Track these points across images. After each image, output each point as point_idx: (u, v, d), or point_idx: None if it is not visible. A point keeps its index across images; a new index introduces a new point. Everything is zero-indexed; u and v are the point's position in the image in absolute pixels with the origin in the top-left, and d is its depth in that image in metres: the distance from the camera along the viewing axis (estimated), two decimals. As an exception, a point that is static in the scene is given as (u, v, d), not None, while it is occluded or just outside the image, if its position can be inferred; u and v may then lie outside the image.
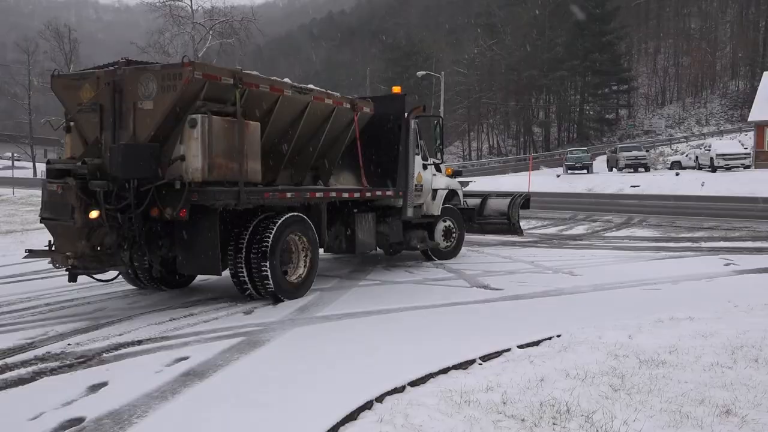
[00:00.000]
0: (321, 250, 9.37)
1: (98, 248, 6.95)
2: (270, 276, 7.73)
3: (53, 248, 7.06)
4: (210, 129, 7.01)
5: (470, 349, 5.66)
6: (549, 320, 6.96)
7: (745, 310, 7.34)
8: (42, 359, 5.68)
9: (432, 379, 5.01)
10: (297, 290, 8.27)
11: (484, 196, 14.15)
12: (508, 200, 13.79)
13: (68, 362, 5.59)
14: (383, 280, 9.79)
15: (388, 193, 10.35)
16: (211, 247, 7.38)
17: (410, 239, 11.36)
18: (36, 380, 5.16)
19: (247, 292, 7.96)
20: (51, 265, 7.27)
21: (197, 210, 7.26)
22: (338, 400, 4.45)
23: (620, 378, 4.91)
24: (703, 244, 14.04)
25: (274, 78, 8.18)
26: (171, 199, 7.11)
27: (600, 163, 48.16)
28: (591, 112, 73.21)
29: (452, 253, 12.30)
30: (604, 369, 5.13)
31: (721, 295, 8.26)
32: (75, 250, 6.85)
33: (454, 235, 12.33)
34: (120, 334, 6.49)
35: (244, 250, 7.76)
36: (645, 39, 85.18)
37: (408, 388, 4.80)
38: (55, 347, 6.05)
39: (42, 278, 9.96)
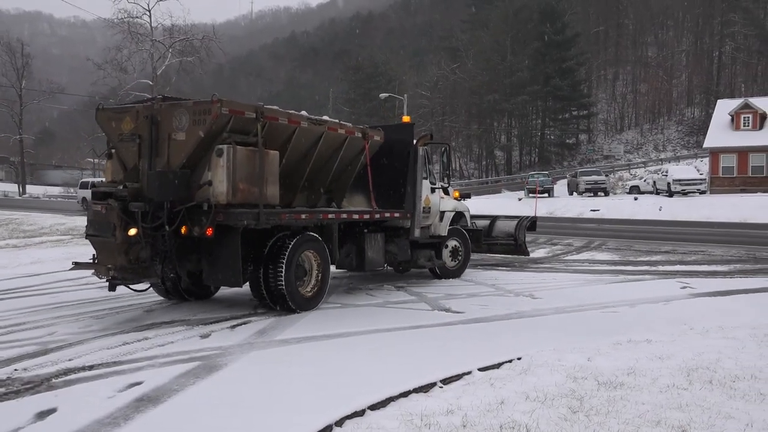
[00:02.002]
0: (333, 267, 10.06)
1: (135, 262, 7.82)
2: (285, 289, 8.52)
3: (96, 261, 8.00)
4: (234, 157, 7.92)
5: (431, 372, 5.70)
6: (510, 343, 7.04)
7: (700, 332, 7.55)
8: (-14, 385, 5.51)
9: (392, 403, 5.02)
10: (309, 302, 9.03)
11: (493, 218, 14.99)
12: (515, 222, 14.63)
13: (14, 388, 5.43)
14: (344, 303, 9.79)
15: (396, 214, 11.04)
16: (234, 262, 8.19)
17: (418, 258, 11.98)
18: (-20, 407, 4.99)
19: (265, 303, 8.77)
20: (95, 276, 8.15)
21: (222, 229, 8.08)
22: (297, 424, 4.43)
23: (579, 400, 4.99)
24: (661, 268, 14.37)
25: (292, 111, 9.06)
26: (199, 219, 7.98)
27: (561, 186, 49.12)
28: (552, 137, 74.82)
29: (459, 271, 12.90)
30: (564, 391, 5.21)
31: (677, 318, 8.48)
32: (115, 263, 7.76)
33: (460, 254, 12.90)
34: (70, 359, 6.34)
35: (262, 265, 8.58)
36: (604, 66, 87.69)
37: (368, 411, 4.80)
38: (0, 373, 5.87)
39: (-12, 301, 9.67)
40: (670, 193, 38.08)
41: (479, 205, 31.64)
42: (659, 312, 9.16)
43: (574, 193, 44.68)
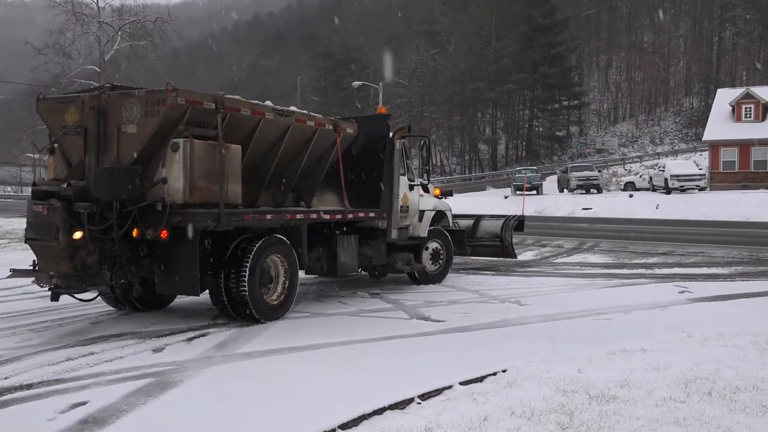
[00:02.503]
0: (302, 272, 10.07)
1: (80, 268, 7.71)
2: (248, 297, 8.49)
3: (37, 268, 7.86)
4: (192, 152, 7.87)
5: (408, 387, 5.71)
6: (494, 354, 7.08)
7: (699, 340, 7.67)
8: None
9: (365, 421, 5.02)
10: (275, 311, 9.02)
11: (477, 218, 15.12)
12: (501, 222, 14.75)
13: (-58, 411, 5.32)
14: (313, 312, 9.77)
15: (371, 214, 11.06)
16: (191, 268, 8.13)
17: (395, 262, 11.99)
18: None
19: (226, 312, 8.72)
20: (36, 284, 8.04)
21: (178, 231, 7.99)
22: (260, 446, 4.40)
23: (569, 415, 5.03)
24: (657, 271, 14.59)
25: (256, 101, 9.06)
26: (152, 220, 7.89)
27: (550, 183, 49.54)
28: (540, 129, 75.42)
29: (440, 276, 12.92)
30: (552, 406, 5.25)
31: (674, 325, 8.60)
32: (58, 270, 7.63)
33: (441, 257, 12.93)
34: (6, 377, 6.23)
35: (223, 271, 8.56)
36: (596, 52, 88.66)
37: (338, 431, 4.78)
38: (-73, 394, 5.75)
39: None
40: (668, 190, 38.62)
41: (462, 204, 31.79)
42: (655, 318, 9.27)
43: (565, 190, 45.12)
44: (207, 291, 8.81)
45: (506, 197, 42.00)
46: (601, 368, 6.33)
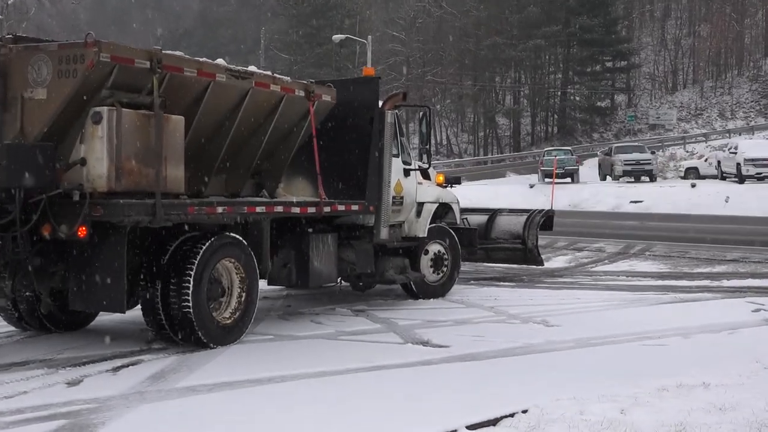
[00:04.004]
0: (263, 282, 10.05)
1: None
2: (193, 315, 8.40)
3: None
4: (119, 125, 7.77)
5: (399, 433, 5.69)
6: (512, 389, 7.08)
7: (778, 372, 7.71)
8: None
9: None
10: (228, 333, 9.01)
11: (493, 213, 15.17)
12: (523, 218, 14.77)
13: None
14: (278, 334, 9.76)
15: (354, 207, 10.98)
16: (117, 277, 8.02)
17: (385, 269, 11.92)
18: None
19: (164, 334, 8.70)
20: None
21: (101, 228, 7.93)
22: None
23: (607, 469, 5.04)
24: (726, 283, 14.65)
25: (204, 59, 8.99)
26: (67, 213, 7.77)
27: (589, 169, 49.60)
28: (577, 98, 75.44)
29: (443, 287, 12.92)
30: (586, 457, 5.26)
31: (746, 353, 8.63)
32: None
33: (446, 263, 12.90)
34: None
35: (160, 280, 8.45)
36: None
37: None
38: None
39: None
40: (741, 178, 38.70)
41: (475, 195, 31.78)
42: (722, 344, 9.32)
43: (608, 178, 45.15)
44: (139, 307, 8.76)
45: (532, 186, 41.99)
46: (651, 408, 6.34)
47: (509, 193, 37.23)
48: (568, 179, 44.18)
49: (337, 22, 73.92)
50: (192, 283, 8.40)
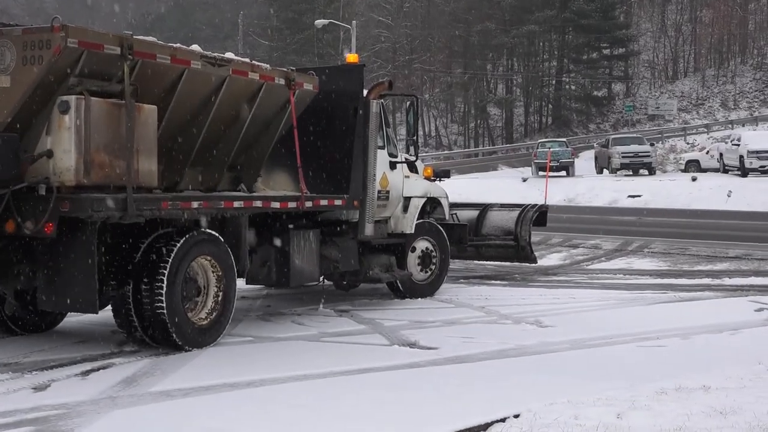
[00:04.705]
0: (241, 281, 10.04)
1: None
2: (167, 316, 8.39)
3: None
4: (88, 115, 7.71)
5: (384, 439, 5.71)
6: (504, 393, 7.10)
7: (781, 374, 7.74)
8: None
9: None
10: (204, 335, 9.01)
11: (484, 208, 15.24)
12: (516, 213, 14.84)
13: None
14: (258, 336, 9.75)
15: (338, 202, 10.99)
16: (86, 276, 7.99)
17: (370, 267, 11.96)
18: None
19: (136, 336, 8.71)
20: None
21: (69, 224, 7.91)
22: None
23: (603, 476, 5.07)
24: (727, 281, 14.71)
25: (178, 45, 8.92)
26: (33, 209, 7.77)
27: (585, 161, 49.73)
28: (573, 87, 75.64)
29: (431, 286, 12.96)
30: (581, 464, 5.29)
31: (749, 354, 8.65)
32: None
33: (434, 261, 12.94)
34: None
35: (132, 280, 8.46)
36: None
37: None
38: None
39: None
40: (744, 171, 38.87)
41: (465, 189, 31.83)
42: (723, 345, 9.37)
43: (605, 171, 45.34)
44: (110, 307, 8.75)
45: (525, 180, 42.10)
46: (649, 413, 6.36)
47: (501, 187, 37.30)
48: (563, 172, 44.33)
49: (320, 6, 73.73)
50: (165, 283, 8.39)
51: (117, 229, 8.46)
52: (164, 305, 8.38)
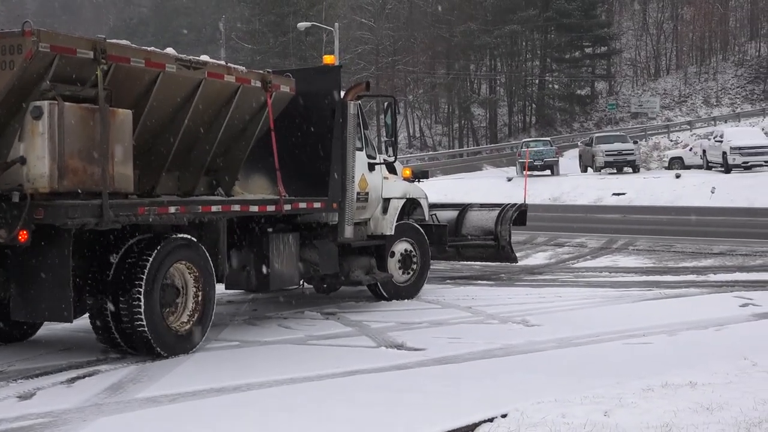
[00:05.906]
0: (220, 286, 9.93)
1: None
2: (145, 322, 8.31)
3: None
4: (61, 120, 7.60)
5: (373, 441, 5.72)
6: (491, 393, 7.13)
7: (766, 370, 7.76)
8: None
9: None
10: (185, 340, 8.97)
11: (463, 208, 15.20)
12: (495, 213, 14.79)
13: None
14: (243, 340, 9.74)
15: (317, 205, 10.99)
16: (61, 284, 7.92)
17: (350, 270, 11.91)
18: None
19: (115, 344, 8.62)
20: None
21: (43, 232, 7.81)
22: None
23: (591, 474, 5.08)
24: (712, 277, 14.77)
25: (152, 49, 8.91)
26: (6, 216, 7.67)
27: (569, 160, 49.84)
28: (556, 86, 75.79)
29: (413, 288, 12.92)
30: (569, 462, 5.30)
31: (734, 350, 8.71)
32: None
33: (414, 263, 12.90)
34: None
35: (110, 289, 8.37)
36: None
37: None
38: None
39: None
40: (727, 168, 39.02)
41: (450, 189, 31.88)
42: (709, 342, 9.41)
43: (589, 170, 45.38)
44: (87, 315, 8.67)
45: (510, 179, 42.12)
46: (636, 410, 6.39)
47: (486, 187, 37.38)
48: (548, 171, 44.40)
49: (303, 9, 73.58)
50: (143, 291, 8.32)
51: (93, 236, 8.38)
52: (142, 315, 8.30)
